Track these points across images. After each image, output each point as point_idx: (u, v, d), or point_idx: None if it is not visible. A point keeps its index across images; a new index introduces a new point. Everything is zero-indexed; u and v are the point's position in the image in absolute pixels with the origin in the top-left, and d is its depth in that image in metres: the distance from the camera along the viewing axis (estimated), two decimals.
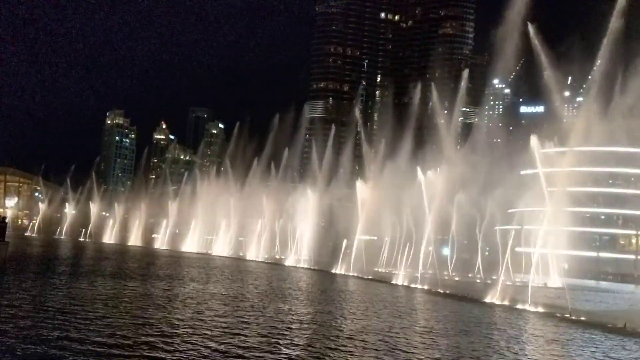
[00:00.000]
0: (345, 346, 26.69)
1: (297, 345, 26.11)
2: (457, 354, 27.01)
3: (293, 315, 35.81)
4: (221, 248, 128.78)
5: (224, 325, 29.81)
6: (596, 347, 32.22)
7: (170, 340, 24.89)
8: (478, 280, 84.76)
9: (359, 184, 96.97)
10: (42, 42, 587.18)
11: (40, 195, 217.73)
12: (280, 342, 26.45)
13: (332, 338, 28.44)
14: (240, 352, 23.84)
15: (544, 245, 68.32)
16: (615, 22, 66.16)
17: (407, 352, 26.37)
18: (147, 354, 22.14)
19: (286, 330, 29.73)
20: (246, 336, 27.20)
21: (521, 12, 67.55)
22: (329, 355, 24.55)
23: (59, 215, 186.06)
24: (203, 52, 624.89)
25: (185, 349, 23.59)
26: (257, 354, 23.64)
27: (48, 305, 31.77)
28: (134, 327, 27.30)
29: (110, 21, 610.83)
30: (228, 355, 23.21)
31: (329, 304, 43.83)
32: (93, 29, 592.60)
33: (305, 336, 28.58)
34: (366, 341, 28.37)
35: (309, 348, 25.62)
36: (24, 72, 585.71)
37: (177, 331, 27.23)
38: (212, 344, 24.81)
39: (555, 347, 31.85)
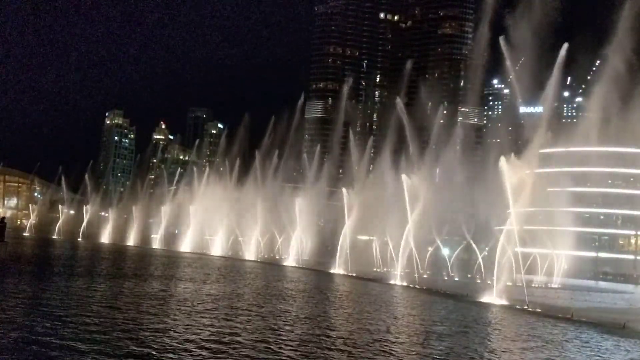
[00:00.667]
0: (338, 347, 26.47)
1: (290, 346, 25.88)
2: (453, 355, 26.79)
3: (289, 315, 35.61)
4: (220, 248, 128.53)
5: (217, 325, 29.60)
6: (594, 348, 32.04)
7: (160, 342, 24.65)
8: (478, 281, 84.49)
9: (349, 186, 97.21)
10: (41, 42, 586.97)
11: (39, 196, 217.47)
12: (274, 343, 26.22)
13: (326, 338, 28.22)
14: (232, 352, 23.62)
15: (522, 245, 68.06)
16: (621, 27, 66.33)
17: (403, 353, 26.17)
18: (137, 355, 21.95)
19: (280, 331, 29.49)
20: (239, 336, 26.97)
21: (522, 11, 67.48)
22: (323, 356, 24.33)
23: (57, 215, 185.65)
24: (203, 52, 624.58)
25: (175, 349, 23.37)
26: (250, 355, 23.42)
27: (44, 307, 31.55)
28: (125, 328, 27.08)
29: (110, 21, 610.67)
30: (219, 355, 23.00)
31: (326, 304, 43.62)
32: (93, 29, 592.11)
33: (299, 337, 28.35)
34: (359, 341, 28.14)
35: (302, 349, 25.39)
36: (24, 72, 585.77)
37: (169, 332, 26.99)
38: (203, 344, 24.59)
39: (553, 347, 31.62)
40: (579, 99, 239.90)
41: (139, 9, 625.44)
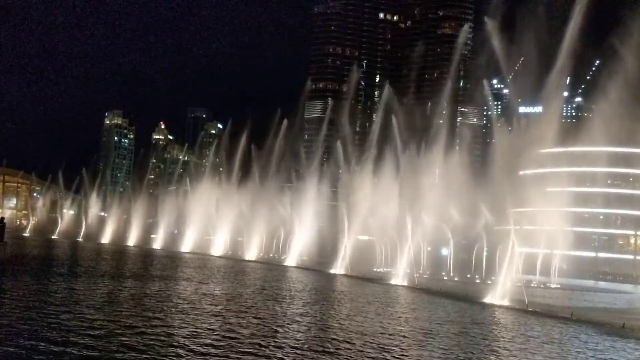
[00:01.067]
0: (335, 348, 26.47)
1: (286, 347, 25.88)
2: (451, 355, 26.80)
3: (286, 316, 35.59)
4: (220, 248, 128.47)
5: (214, 326, 29.59)
6: (594, 348, 32.05)
7: (155, 341, 24.65)
8: (477, 281, 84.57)
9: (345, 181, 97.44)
10: (41, 42, 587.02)
11: (38, 196, 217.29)
12: (268, 346, 26.20)
13: (323, 339, 28.22)
14: (227, 353, 23.62)
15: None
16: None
17: (401, 353, 26.17)
18: (130, 355, 21.95)
19: (277, 332, 29.47)
20: (234, 339, 26.96)
21: (521, 11, 67.51)
22: (320, 357, 24.34)
23: (56, 215, 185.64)
24: (202, 52, 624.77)
25: (169, 349, 23.37)
26: (245, 357, 23.42)
27: (41, 308, 31.55)
28: (120, 330, 27.07)
29: (109, 21, 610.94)
30: (212, 356, 23.00)
31: (323, 305, 43.59)
32: (92, 29, 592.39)
33: (297, 338, 28.34)
34: (356, 342, 28.13)
35: (299, 350, 25.38)
36: (24, 72, 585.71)
37: (164, 334, 26.98)
38: (197, 347, 24.59)
39: (553, 347, 31.63)
40: (578, 99, 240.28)
41: (139, 9, 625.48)
